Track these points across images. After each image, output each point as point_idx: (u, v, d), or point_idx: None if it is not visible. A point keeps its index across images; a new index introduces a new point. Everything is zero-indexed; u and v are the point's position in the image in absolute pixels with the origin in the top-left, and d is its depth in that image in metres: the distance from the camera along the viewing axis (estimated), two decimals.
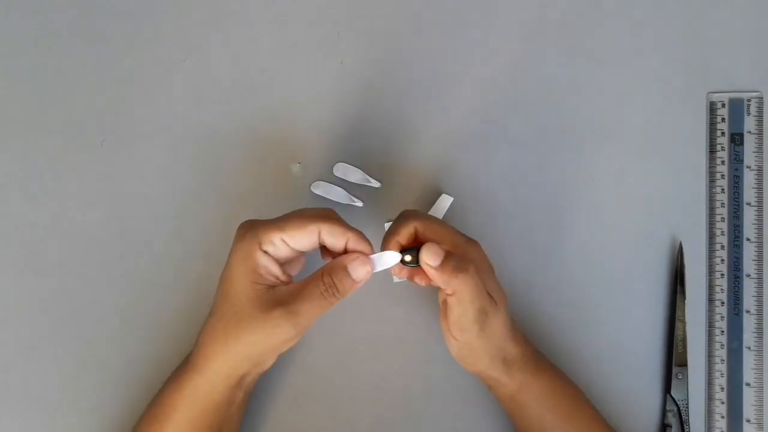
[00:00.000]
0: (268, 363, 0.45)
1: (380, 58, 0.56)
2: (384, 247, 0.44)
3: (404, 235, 0.44)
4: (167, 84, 0.56)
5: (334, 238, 0.42)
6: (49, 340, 0.53)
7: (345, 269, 0.42)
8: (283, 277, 0.42)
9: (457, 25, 0.56)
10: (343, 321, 0.54)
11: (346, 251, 0.43)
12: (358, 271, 0.42)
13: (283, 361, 0.53)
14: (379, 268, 0.43)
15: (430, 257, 0.41)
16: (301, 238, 0.41)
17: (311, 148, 0.55)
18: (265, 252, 0.41)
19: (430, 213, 0.53)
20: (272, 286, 0.42)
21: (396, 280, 0.53)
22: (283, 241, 0.41)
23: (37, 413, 0.53)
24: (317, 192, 0.54)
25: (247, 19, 0.56)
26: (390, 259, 0.43)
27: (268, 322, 0.41)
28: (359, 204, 0.54)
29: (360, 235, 0.43)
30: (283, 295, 0.41)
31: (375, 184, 0.54)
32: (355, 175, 0.54)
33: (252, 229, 0.42)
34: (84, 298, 0.54)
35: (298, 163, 0.55)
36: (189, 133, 0.55)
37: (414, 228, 0.43)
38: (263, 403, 0.53)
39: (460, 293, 0.42)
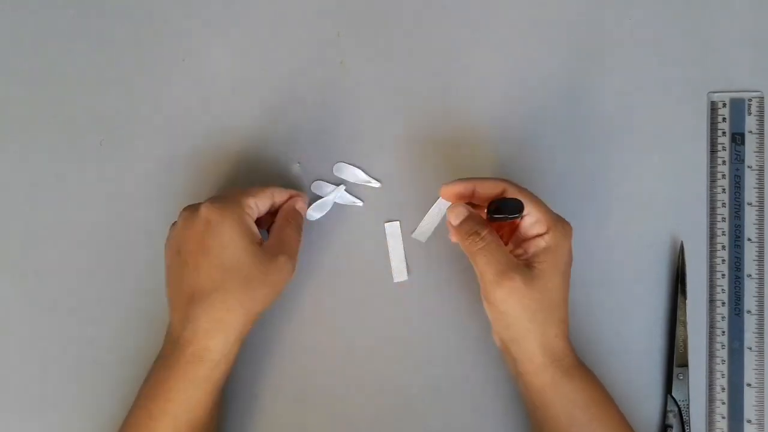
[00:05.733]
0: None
1: (380, 58, 0.56)
2: (459, 183, 0.47)
3: (487, 186, 0.47)
4: (167, 84, 0.56)
5: (281, 195, 0.50)
6: (49, 340, 0.54)
7: (295, 209, 0.50)
8: (259, 235, 0.48)
9: (457, 24, 0.56)
10: (343, 321, 0.53)
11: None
12: (301, 205, 0.51)
13: (283, 361, 0.53)
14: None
15: (452, 216, 0.47)
16: (263, 200, 0.48)
17: (311, 148, 0.55)
18: (249, 215, 0.47)
19: (431, 211, 0.53)
20: (260, 244, 0.46)
21: (396, 280, 0.53)
22: (256, 204, 0.48)
23: (37, 413, 0.53)
24: (317, 192, 0.54)
25: (247, 19, 0.56)
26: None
27: (276, 271, 0.46)
28: (359, 204, 0.54)
29: (292, 191, 0.51)
30: (272, 246, 0.47)
31: (375, 184, 0.54)
32: (355, 175, 0.54)
33: (227, 200, 0.46)
34: (84, 298, 0.54)
35: (298, 163, 0.55)
36: (189, 133, 0.55)
37: (503, 188, 0.46)
38: (263, 403, 0.53)
39: (471, 257, 0.46)
